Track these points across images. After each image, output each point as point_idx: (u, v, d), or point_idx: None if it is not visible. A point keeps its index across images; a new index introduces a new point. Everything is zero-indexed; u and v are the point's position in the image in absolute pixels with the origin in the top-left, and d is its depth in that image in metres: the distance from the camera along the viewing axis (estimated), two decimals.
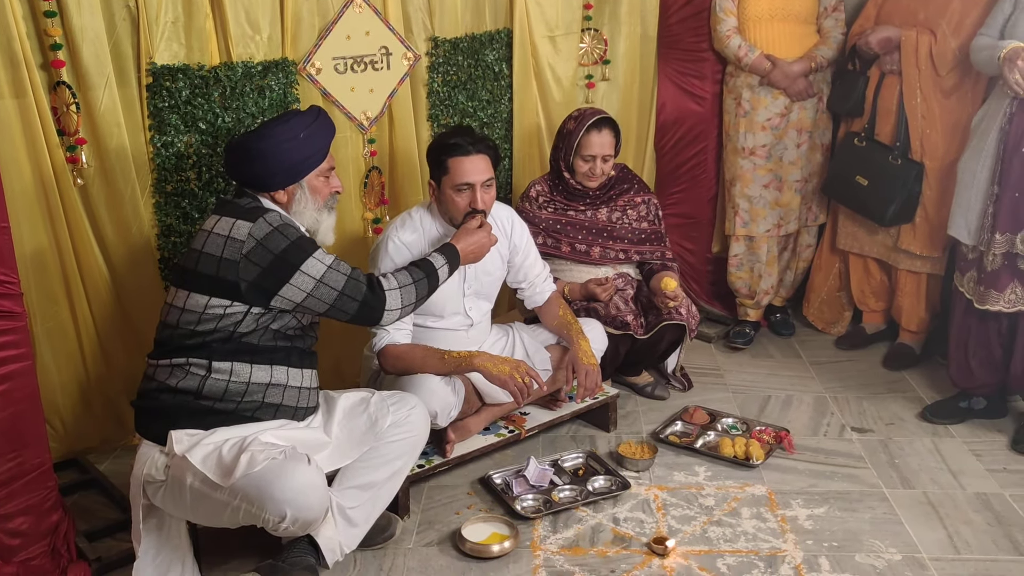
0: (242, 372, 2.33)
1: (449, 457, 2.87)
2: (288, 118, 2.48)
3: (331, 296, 2.36)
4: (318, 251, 2.37)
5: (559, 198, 3.45)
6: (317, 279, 2.34)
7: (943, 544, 2.61)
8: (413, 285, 2.52)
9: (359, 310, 2.42)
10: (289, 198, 2.45)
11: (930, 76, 3.38)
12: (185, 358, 2.31)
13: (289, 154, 2.40)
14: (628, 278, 3.47)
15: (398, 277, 2.52)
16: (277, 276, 2.30)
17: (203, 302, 2.30)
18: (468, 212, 2.78)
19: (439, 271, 2.60)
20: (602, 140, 3.33)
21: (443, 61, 3.50)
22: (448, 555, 2.59)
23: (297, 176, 2.44)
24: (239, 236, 2.29)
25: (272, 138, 2.41)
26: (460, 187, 2.77)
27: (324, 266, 2.36)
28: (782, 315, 4.15)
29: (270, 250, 2.29)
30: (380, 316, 2.46)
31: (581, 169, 3.37)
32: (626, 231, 3.45)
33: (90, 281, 2.95)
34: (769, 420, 3.33)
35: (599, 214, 3.45)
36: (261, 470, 2.16)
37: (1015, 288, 2.99)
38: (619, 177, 3.52)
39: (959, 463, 3.03)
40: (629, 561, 2.55)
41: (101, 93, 2.77)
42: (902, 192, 3.49)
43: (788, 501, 2.82)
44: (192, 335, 2.31)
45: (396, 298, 2.48)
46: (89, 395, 3.05)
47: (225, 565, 2.51)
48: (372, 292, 2.44)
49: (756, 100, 3.77)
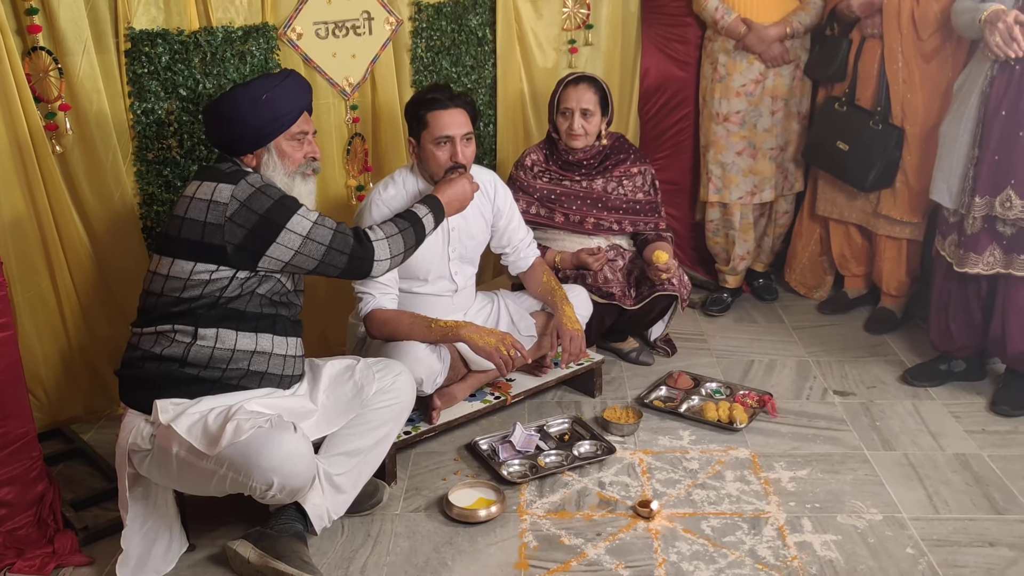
0: (227, 339, 2.33)
1: (435, 423, 2.89)
2: (251, 81, 2.46)
3: (319, 251, 2.36)
4: (302, 208, 2.36)
5: (554, 168, 3.43)
6: (304, 235, 2.33)
7: (923, 504, 2.65)
8: (400, 234, 2.53)
9: (348, 263, 2.42)
10: (258, 162, 2.43)
11: (912, 40, 3.38)
12: (171, 325, 2.30)
13: (251, 117, 2.37)
14: (620, 249, 3.47)
15: (384, 228, 2.52)
16: (263, 236, 2.29)
17: (188, 268, 2.28)
18: (448, 168, 2.78)
19: (423, 219, 2.60)
20: (578, 94, 3.30)
21: (426, 26, 3.47)
22: (435, 520, 2.61)
23: (263, 140, 2.41)
24: (222, 199, 2.28)
25: (232, 100, 2.39)
26: (440, 140, 2.77)
27: (310, 222, 2.35)
28: (765, 280, 4.18)
29: (254, 211, 2.28)
30: (370, 267, 2.47)
31: (562, 127, 3.35)
32: (621, 202, 3.44)
33: (71, 250, 2.92)
34: (752, 384, 3.35)
35: (594, 184, 3.43)
36: (247, 439, 2.16)
37: (993, 251, 3.02)
38: (615, 147, 3.49)
39: (939, 425, 3.07)
40: (615, 524, 2.58)
41: (79, 59, 2.73)
42: (882, 157, 3.50)
43: (771, 464, 2.86)
44: (177, 302, 2.30)
45: (384, 248, 2.48)
46: (72, 365, 3.04)
47: (213, 532, 2.52)
48: (360, 244, 2.44)
49: (732, 65, 3.75)
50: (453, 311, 2.99)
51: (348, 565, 2.43)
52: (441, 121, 2.77)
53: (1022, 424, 3.06)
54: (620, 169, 3.47)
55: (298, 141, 2.46)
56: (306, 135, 2.49)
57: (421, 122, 2.80)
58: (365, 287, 2.77)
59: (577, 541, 2.51)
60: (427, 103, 2.79)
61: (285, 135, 2.43)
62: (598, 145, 3.40)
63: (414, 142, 2.85)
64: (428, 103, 2.79)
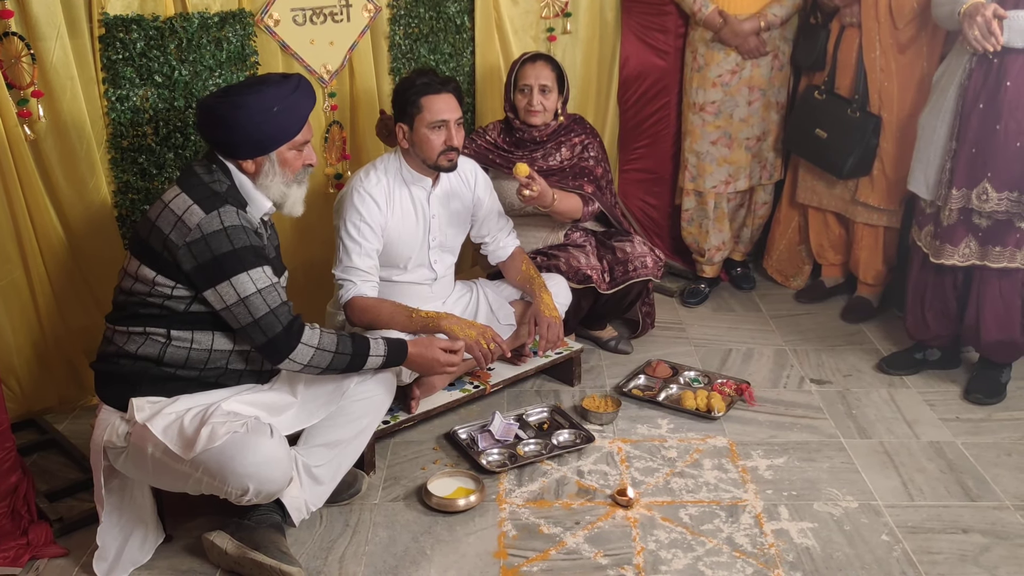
0: (203, 340, 2.29)
1: (414, 413, 2.88)
2: (262, 88, 2.32)
3: (246, 319, 2.24)
4: (257, 269, 2.24)
5: (504, 144, 3.39)
6: (241, 297, 2.22)
7: (898, 491, 2.68)
8: (332, 355, 2.33)
9: (265, 345, 2.27)
10: (257, 168, 2.34)
11: (888, 29, 3.39)
12: (142, 327, 2.26)
13: (260, 128, 2.28)
14: (587, 233, 3.46)
15: (323, 339, 2.32)
16: (207, 276, 2.21)
17: (151, 276, 2.24)
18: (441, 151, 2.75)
19: (369, 360, 2.41)
20: (536, 71, 3.28)
21: (404, 13, 3.44)
22: (414, 510, 2.61)
23: (266, 149, 2.32)
24: (189, 223, 2.20)
25: (244, 108, 2.27)
26: (435, 124, 2.76)
27: (254, 288, 2.23)
28: (743, 269, 4.19)
29: (211, 249, 2.19)
30: (280, 360, 2.29)
31: (521, 104, 3.31)
32: (551, 169, 3.38)
33: (44, 239, 2.88)
34: (730, 373, 3.37)
35: (535, 156, 3.38)
36: (222, 444, 2.14)
37: (969, 242, 3.05)
38: (567, 127, 3.43)
39: (914, 413, 3.10)
40: (593, 513, 2.59)
41: (53, 44, 2.69)
42: (860, 144, 3.52)
43: (749, 452, 2.87)
44: (145, 304, 2.26)
45: (306, 355, 2.30)
46: (46, 355, 3.00)
47: (190, 524, 2.51)
48: (286, 335, 2.27)
49: (709, 55, 3.75)
50: (432, 299, 2.99)
51: (327, 555, 2.43)
52: (436, 105, 2.75)
53: (995, 412, 3.10)
54: (562, 138, 3.41)
55: (299, 150, 2.38)
56: (308, 143, 2.41)
57: (415, 106, 2.77)
58: (346, 274, 2.76)
59: (556, 530, 2.51)
60: (421, 87, 2.77)
61: (288, 144, 2.34)
62: (554, 124, 3.37)
63: (405, 128, 2.82)
64: (422, 87, 2.76)
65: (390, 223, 2.84)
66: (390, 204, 2.84)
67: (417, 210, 2.90)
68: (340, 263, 2.79)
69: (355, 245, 2.77)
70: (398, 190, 2.86)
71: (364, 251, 2.78)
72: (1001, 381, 3.20)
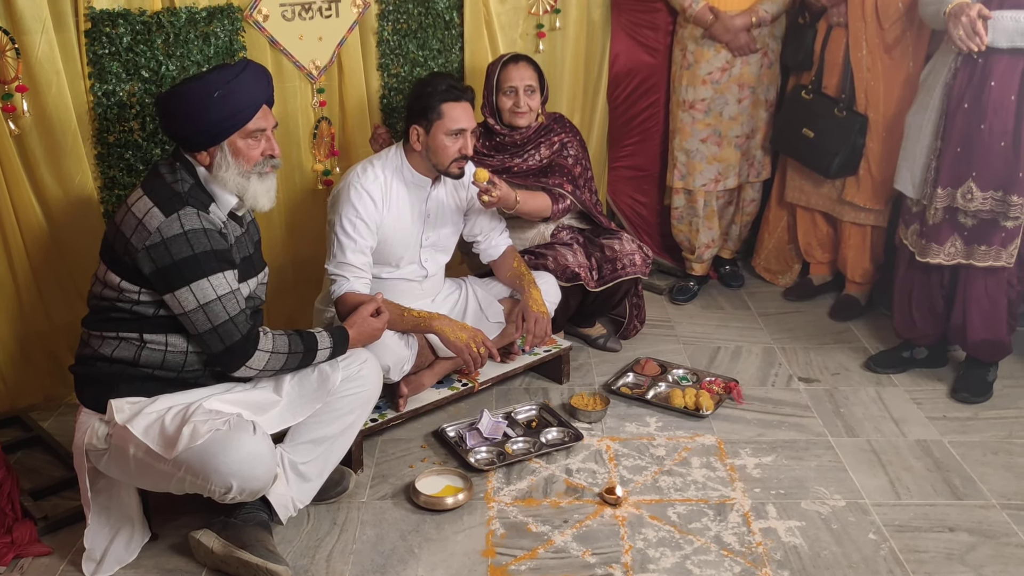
0: (178, 343, 2.26)
1: (402, 411, 2.87)
2: (205, 75, 2.26)
3: (204, 326, 2.20)
4: (218, 275, 2.20)
5: (483, 149, 3.36)
6: (200, 303, 2.18)
7: (885, 490, 2.68)
8: (286, 356, 2.33)
9: (221, 353, 2.25)
10: (211, 160, 2.26)
11: (875, 29, 3.40)
12: (115, 332, 2.24)
13: (202, 115, 2.20)
14: (573, 231, 3.45)
15: (277, 342, 2.32)
16: (166, 281, 2.18)
17: (116, 282, 2.21)
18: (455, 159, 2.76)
19: (319, 353, 2.39)
20: (520, 72, 3.26)
21: (393, 9, 3.43)
22: (402, 508, 2.60)
23: (215, 139, 2.23)
24: (149, 227, 2.17)
25: (182, 96, 2.21)
26: (455, 132, 2.75)
27: (214, 294, 2.19)
28: (732, 267, 4.20)
29: (170, 254, 2.16)
30: (236, 368, 2.28)
31: (506, 106, 3.29)
32: (530, 169, 3.36)
33: (29, 235, 2.86)
34: (719, 371, 3.38)
35: (513, 159, 3.36)
36: (204, 442, 2.12)
37: (955, 241, 3.06)
38: (547, 127, 3.39)
39: (901, 411, 3.11)
40: (582, 511, 2.58)
41: (38, 38, 2.67)
42: (846, 144, 3.53)
43: (737, 450, 2.88)
44: (115, 309, 2.24)
45: (262, 360, 2.29)
46: (30, 351, 2.98)
47: (176, 522, 2.49)
48: (243, 343, 2.25)
49: (699, 53, 3.75)
50: (421, 296, 2.98)
51: (314, 553, 2.42)
52: (457, 114, 2.75)
53: (982, 411, 3.11)
54: (543, 139, 3.39)
55: (255, 139, 2.28)
56: (264, 132, 2.30)
57: (435, 112, 2.75)
58: (339, 269, 2.75)
59: (544, 528, 2.51)
60: (444, 93, 2.75)
61: (240, 133, 2.25)
62: (535, 124, 3.35)
63: (421, 130, 2.79)
64: (445, 93, 2.75)
65: (385, 221, 2.83)
66: (387, 202, 2.82)
67: (413, 210, 2.89)
68: (334, 258, 2.77)
69: (350, 241, 2.76)
70: (396, 188, 2.85)
71: (358, 247, 2.76)
72: (988, 380, 3.22)
